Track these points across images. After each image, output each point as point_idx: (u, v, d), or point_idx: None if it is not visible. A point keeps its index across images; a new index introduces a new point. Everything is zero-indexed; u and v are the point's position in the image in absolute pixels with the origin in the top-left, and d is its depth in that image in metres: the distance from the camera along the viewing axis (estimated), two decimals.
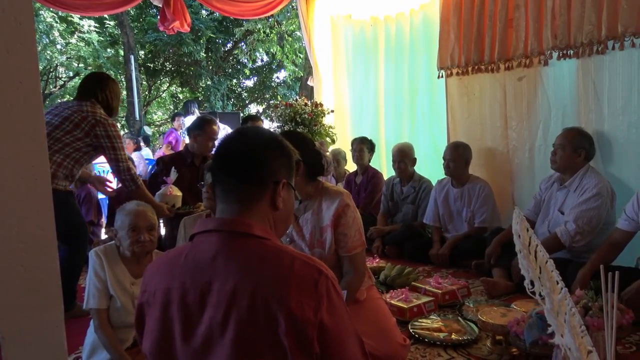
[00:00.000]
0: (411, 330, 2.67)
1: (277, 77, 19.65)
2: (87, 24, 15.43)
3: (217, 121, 4.12)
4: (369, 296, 2.39)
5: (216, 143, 5.19)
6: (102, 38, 16.29)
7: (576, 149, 3.33)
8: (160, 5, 5.69)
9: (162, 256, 1.30)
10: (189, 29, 6.02)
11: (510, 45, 3.95)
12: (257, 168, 1.26)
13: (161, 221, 5.10)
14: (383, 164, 5.36)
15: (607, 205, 3.24)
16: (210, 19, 15.46)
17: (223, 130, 7.29)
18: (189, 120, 7.16)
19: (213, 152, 1.32)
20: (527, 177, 4.06)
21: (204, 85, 18.10)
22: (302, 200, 2.25)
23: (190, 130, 4.07)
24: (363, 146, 4.99)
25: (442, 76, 4.49)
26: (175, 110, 19.45)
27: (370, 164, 5.10)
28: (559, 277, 1.08)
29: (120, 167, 3.25)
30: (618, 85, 3.42)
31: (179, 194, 3.55)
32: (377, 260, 3.93)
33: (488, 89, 4.25)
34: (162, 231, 5.01)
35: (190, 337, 1.14)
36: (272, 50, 15.37)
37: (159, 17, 5.88)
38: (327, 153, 2.20)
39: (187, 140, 6.95)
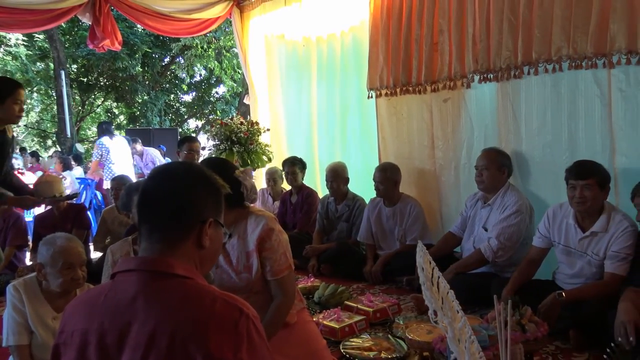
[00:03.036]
0: (342, 351, 2.71)
1: (217, 93, 19.51)
2: (15, 38, 14.82)
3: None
4: (299, 319, 2.40)
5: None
6: (30, 52, 15.68)
7: (500, 168, 3.54)
8: (90, 23, 5.55)
9: (82, 295, 1.27)
10: (120, 47, 5.88)
11: (436, 68, 4.11)
12: (182, 209, 1.25)
13: (91, 245, 4.96)
14: (317, 183, 5.42)
15: (527, 221, 3.43)
16: (146, 34, 15.16)
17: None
18: (106, 141, 7.03)
19: (140, 189, 1.31)
20: (454, 194, 4.22)
21: (140, 100, 17.69)
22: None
23: None
24: (295, 168, 5.03)
25: (371, 97, 4.61)
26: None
27: (304, 182, 5.15)
28: (459, 306, 1.14)
29: None
30: (534, 108, 3.63)
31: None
32: (312, 279, 3.96)
33: (415, 109, 4.40)
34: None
35: None
36: (210, 65, 15.25)
37: (88, 34, 5.73)
38: (249, 180, 2.19)
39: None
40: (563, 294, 2.78)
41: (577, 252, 2.94)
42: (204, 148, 5.78)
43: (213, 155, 5.59)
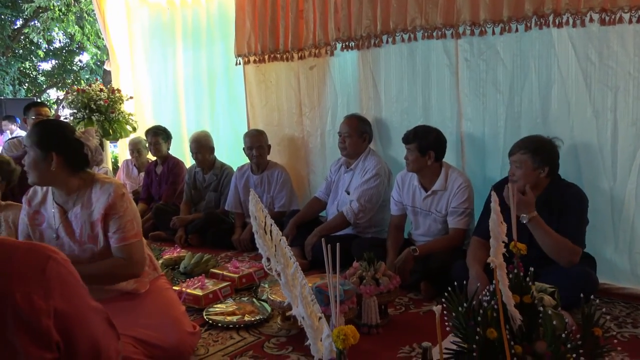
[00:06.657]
0: (205, 317, 2.68)
1: (80, 61, 18.03)
2: None
3: None
4: (155, 287, 2.34)
5: None
6: None
7: (361, 134, 3.67)
8: None
9: None
10: None
11: (302, 35, 4.12)
12: None
13: None
14: (186, 152, 5.25)
15: (385, 184, 3.61)
16: None
17: None
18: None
19: None
20: (320, 160, 4.31)
21: None
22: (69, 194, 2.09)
23: None
24: (158, 138, 4.82)
25: (239, 63, 4.52)
26: None
27: (170, 152, 4.97)
28: (290, 252, 1.16)
29: None
30: (392, 76, 3.79)
31: None
32: (178, 250, 3.86)
33: (284, 77, 4.40)
34: None
35: None
36: (70, 30, 14.00)
37: None
38: (93, 141, 2.06)
39: None
40: (417, 249, 3.00)
41: (423, 211, 3.19)
42: (59, 117, 5.34)
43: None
